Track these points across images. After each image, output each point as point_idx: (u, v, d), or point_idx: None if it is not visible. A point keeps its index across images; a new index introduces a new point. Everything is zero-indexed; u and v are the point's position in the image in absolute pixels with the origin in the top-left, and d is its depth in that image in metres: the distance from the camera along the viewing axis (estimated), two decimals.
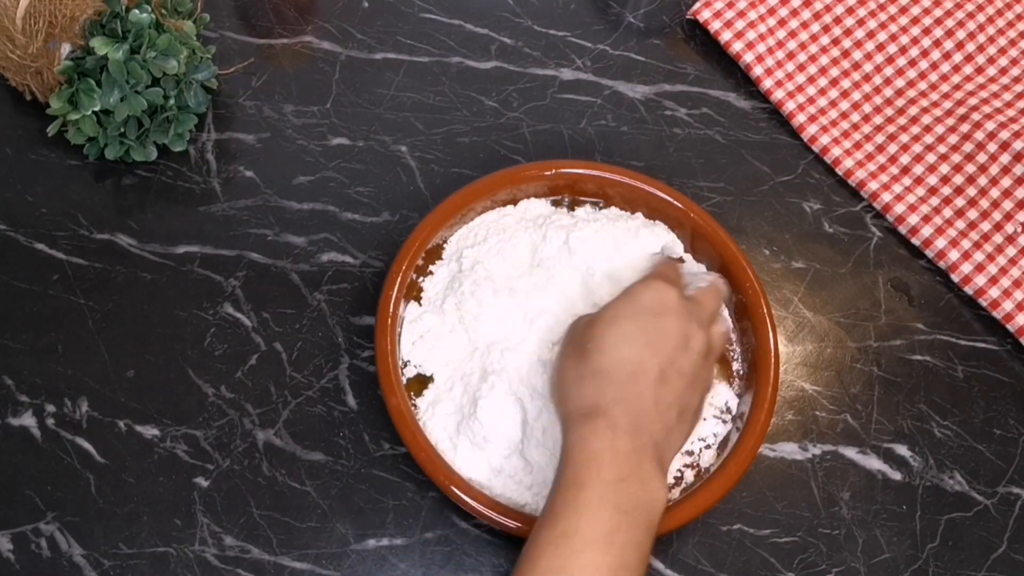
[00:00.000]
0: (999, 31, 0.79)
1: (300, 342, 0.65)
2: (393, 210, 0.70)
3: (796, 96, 0.76)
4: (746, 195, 0.73)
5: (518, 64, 0.76)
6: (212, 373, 0.63)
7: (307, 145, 0.72)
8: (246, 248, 0.68)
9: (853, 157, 0.74)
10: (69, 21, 0.64)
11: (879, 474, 0.64)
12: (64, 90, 0.65)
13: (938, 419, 0.66)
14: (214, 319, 0.65)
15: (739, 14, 0.77)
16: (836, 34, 0.78)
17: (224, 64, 0.73)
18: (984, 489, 0.64)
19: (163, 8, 0.68)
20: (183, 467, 0.61)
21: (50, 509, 0.59)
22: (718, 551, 0.61)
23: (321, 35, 0.76)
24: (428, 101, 0.74)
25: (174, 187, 0.69)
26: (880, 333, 0.69)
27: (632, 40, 0.78)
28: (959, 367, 0.68)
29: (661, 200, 0.66)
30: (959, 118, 0.75)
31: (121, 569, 0.58)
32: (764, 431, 0.59)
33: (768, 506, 0.63)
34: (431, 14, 0.78)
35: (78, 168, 0.69)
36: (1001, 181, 0.72)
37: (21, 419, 0.61)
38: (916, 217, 0.72)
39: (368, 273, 0.68)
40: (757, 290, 0.63)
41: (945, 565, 0.62)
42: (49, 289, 0.65)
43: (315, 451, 0.62)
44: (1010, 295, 0.69)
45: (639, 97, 0.76)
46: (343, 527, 0.60)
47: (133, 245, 0.67)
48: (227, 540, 0.59)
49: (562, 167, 0.67)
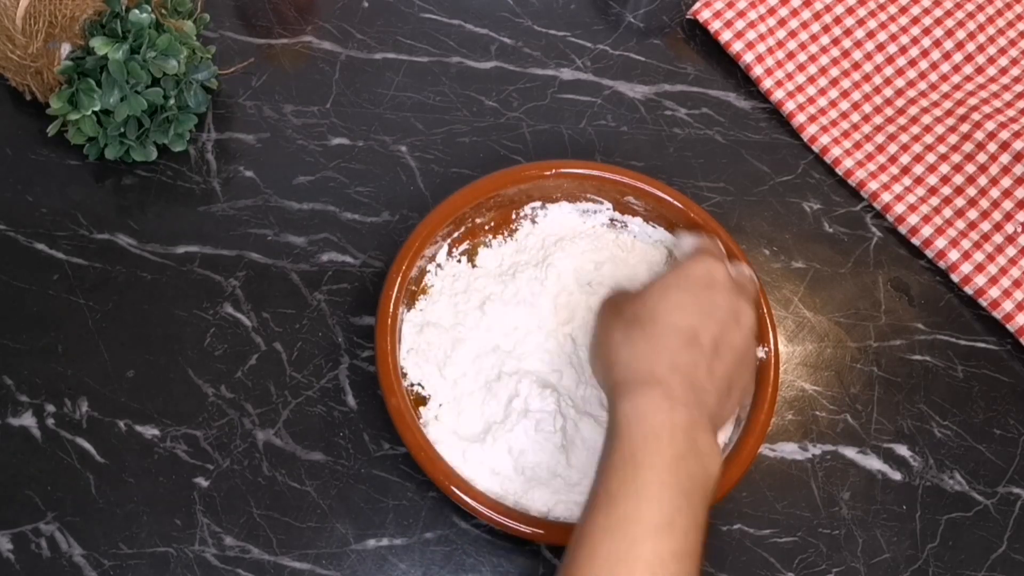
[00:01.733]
0: (999, 31, 0.80)
1: (300, 342, 0.65)
2: (393, 210, 0.70)
3: (796, 96, 0.76)
4: (746, 195, 0.73)
5: (518, 64, 0.76)
6: (212, 373, 0.63)
7: (307, 145, 0.72)
8: (246, 248, 0.68)
9: (853, 157, 0.74)
10: (69, 21, 0.64)
11: (879, 474, 0.64)
12: (64, 90, 0.65)
13: (938, 419, 0.66)
14: (214, 319, 0.65)
15: (739, 14, 0.77)
16: (836, 34, 0.78)
17: (224, 64, 0.73)
18: (984, 489, 0.64)
19: (163, 8, 0.68)
20: (183, 467, 0.61)
21: (50, 509, 0.59)
22: (718, 551, 0.61)
23: (321, 35, 0.76)
24: (428, 101, 0.74)
25: (174, 187, 0.69)
26: (880, 333, 0.69)
27: (632, 40, 0.78)
28: (959, 367, 0.68)
29: (661, 200, 0.66)
30: (959, 118, 0.75)
31: (121, 569, 0.58)
32: (764, 431, 0.59)
33: (768, 506, 0.63)
34: (431, 14, 0.78)
35: (78, 168, 0.69)
36: (1001, 181, 0.72)
37: (21, 419, 0.61)
38: (916, 217, 0.72)
39: (368, 273, 0.68)
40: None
41: (945, 565, 0.62)
42: (49, 289, 0.65)
43: (315, 451, 0.62)
44: (1010, 295, 0.69)
45: (639, 97, 0.76)
46: (343, 527, 0.60)
47: (133, 245, 0.67)
48: (227, 540, 0.59)
49: (562, 167, 0.67)
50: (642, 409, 0.48)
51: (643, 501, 0.45)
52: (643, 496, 0.45)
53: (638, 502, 0.45)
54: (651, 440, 0.47)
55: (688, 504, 0.46)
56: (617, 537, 0.44)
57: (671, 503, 0.45)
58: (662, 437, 0.47)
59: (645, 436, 0.47)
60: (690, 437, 0.47)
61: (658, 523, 0.44)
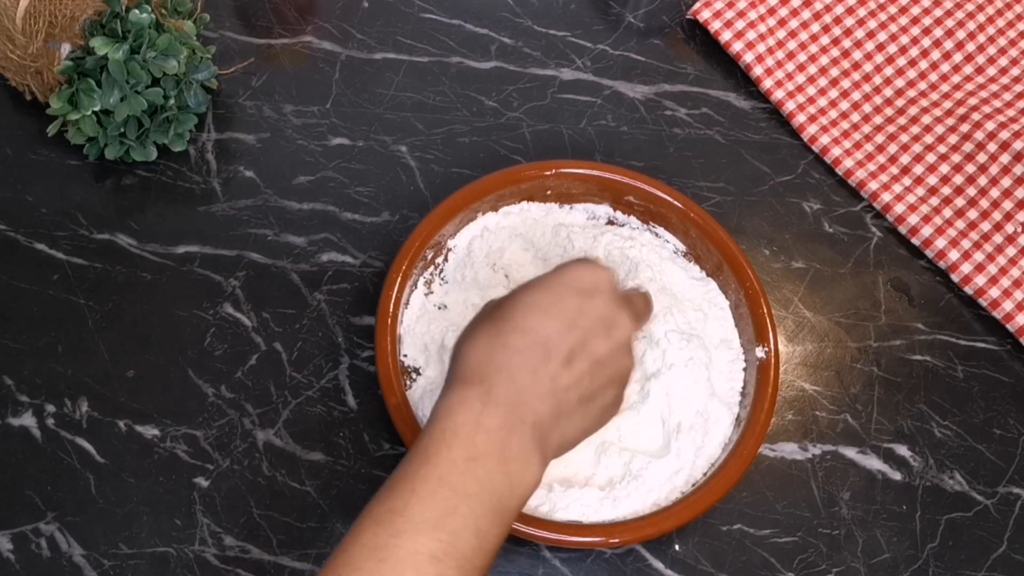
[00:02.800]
0: (999, 31, 0.80)
1: (300, 342, 0.65)
2: (393, 210, 0.70)
3: (796, 96, 0.76)
4: (746, 195, 0.73)
5: (518, 64, 0.76)
6: (212, 373, 0.63)
7: (307, 145, 0.72)
8: (246, 248, 0.68)
9: (853, 157, 0.74)
10: (69, 21, 0.64)
11: (879, 474, 0.64)
12: (64, 90, 0.65)
13: (938, 419, 0.66)
14: (214, 319, 0.65)
15: (739, 14, 0.77)
16: (836, 34, 0.78)
17: (224, 64, 0.73)
18: (984, 489, 0.64)
19: (163, 8, 0.68)
20: (183, 467, 0.61)
21: (50, 509, 0.59)
22: (718, 551, 0.61)
23: (321, 35, 0.76)
24: (428, 101, 0.74)
25: (174, 187, 0.69)
26: (880, 333, 0.69)
27: (632, 40, 0.78)
28: (959, 367, 0.68)
29: (661, 200, 0.66)
30: (959, 118, 0.75)
31: (121, 569, 0.58)
32: (764, 431, 0.59)
33: (768, 506, 0.63)
34: (431, 14, 0.78)
35: (78, 168, 0.69)
36: (1001, 181, 0.72)
37: (21, 419, 0.61)
38: (916, 217, 0.72)
39: (368, 273, 0.68)
40: (757, 290, 0.63)
41: (945, 565, 0.62)
42: (49, 289, 0.65)
43: (315, 451, 0.62)
44: (1010, 295, 0.69)
45: (639, 97, 0.76)
46: (343, 527, 0.60)
47: (133, 245, 0.67)
48: (227, 540, 0.59)
49: (562, 167, 0.67)
50: (452, 406, 0.46)
51: (415, 495, 0.44)
52: (417, 491, 0.44)
53: (410, 496, 0.44)
54: (448, 436, 0.45)
55: (469, 507, 0.44)
56: (382, 527, 0.43)
57: (446, 503, 0.44)
58: (459, 435, 0.45)
59: (443, 431, 0.45)
60: (496, 439, 0.45)
61: (424, 519, 0.43)
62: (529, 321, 0.48)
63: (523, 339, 0.48)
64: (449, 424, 0.46)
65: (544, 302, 0.49)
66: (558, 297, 0.49)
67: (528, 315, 0.48)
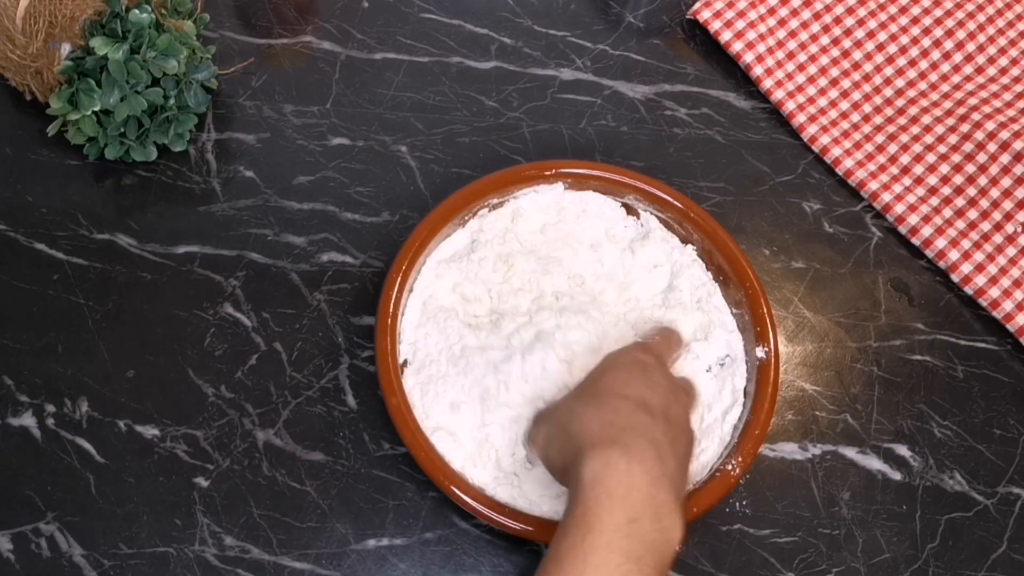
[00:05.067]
0: (999, 31, 0.80)
1: (300, 342, 0.65)
2: (393, 210, 0.70)
3: (796, 96, 0.76)
4: (746, 195, 0.73)
5: (518, 64, 0.76)
6: (212, 373, 0.63)
7: (307, 145, 0.72)
8: (246, 248, 0.68)
9: (853, 157, 0.74)
10: (69, 21, 0.64)
11: (879, 474, 0.64)
12: (64, 90, 0.65)
13: (938, 419, 0.66)
14: (214, 319, 0.65)
15: (739, 14, 0.77)
16: (836, 34, 0.78)
17: (224, 64, 0.73)
18: (984, 489, 0.64)
19: (163, 8, 0.68)
20: (183, 467, 0.61)
21: (50, 509, 0.59)
22: (718, 551, 0.61)
23: (321, 35, 0.76)
24: (428, 101, 0.74)
25: (174, 187, 0.69)
26: (880, 333, 0.69)
27: (632, 40, 0.78)
28: (959, 367, 0.68)
29: (661, 200, 0.66)
30: (959, 118, 0.75)
31: (121, 569, 0.58)
32: (764, 431, 0.59)
33: (768, 506, 0.63)
34: (431, 14, 0.78)
35: (78, 168, 0.69)
36: (1001, 181, 0.72)
37: (21, 419, 0.61)
38: (916, 217, 0.72)
39: (368, 273, 0.68)
40: (757, 290, 0.63)
41: (945, 565, 0.62)
42: (49, 289, 0.65)
43: (315, 451, 0.62)
44: (1010, 295, 0.69)
45: (639, 97, 0.76)
46: (343, 527, 0.60)
47: (133, 245, 0.67)
48: (227, 540, 0.59)
49: (562, 167, 0.67)
50: (598, 469, 0.47)
51: (589, 566, 0.44)
52: (589, 561, 0.44)
53: (584, 567, 0.44)
54: (604, 501, 0.46)
55: (638, 570, 0.44)
56: None
57: (618, 569, 0.44)
58: (615, 497, 0.46)
59: (598, 497, 0.46)
60: (647, 496, 0.46)
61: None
62: (624, 390, 0.51)
63: (627, 403, 0.50)
64: (602, 488, 0.46)
65: (625, 376, 0.52)
66: (631, 372, 0.53)
67: (617, 385, 0.52)
